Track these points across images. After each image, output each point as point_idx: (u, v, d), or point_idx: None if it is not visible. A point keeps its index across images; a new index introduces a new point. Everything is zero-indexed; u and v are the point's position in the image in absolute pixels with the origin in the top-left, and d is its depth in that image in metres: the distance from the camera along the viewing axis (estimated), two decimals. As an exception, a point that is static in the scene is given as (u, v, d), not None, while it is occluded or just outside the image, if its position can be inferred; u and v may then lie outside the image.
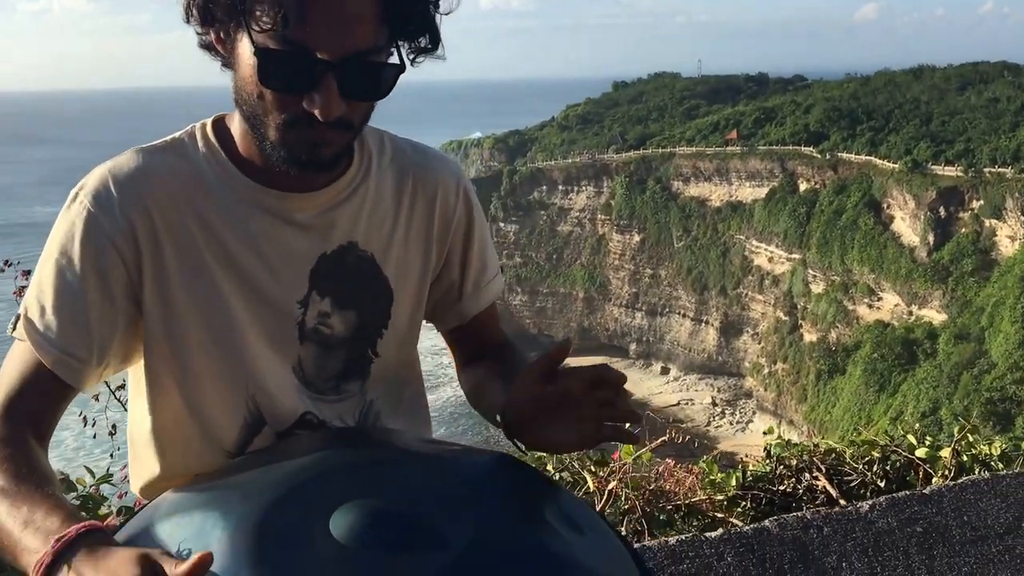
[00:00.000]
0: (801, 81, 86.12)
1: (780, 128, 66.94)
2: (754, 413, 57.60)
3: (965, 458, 3.20)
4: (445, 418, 45.42)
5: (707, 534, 2.44)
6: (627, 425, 1.40)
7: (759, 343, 61.64)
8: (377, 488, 1.15)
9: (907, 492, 2.66)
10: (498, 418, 1.41)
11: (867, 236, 55.52)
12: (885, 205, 56.71)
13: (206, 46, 1.32)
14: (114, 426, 3.23)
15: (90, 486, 2.61)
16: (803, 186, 62.40)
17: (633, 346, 68.86)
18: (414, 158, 1.56)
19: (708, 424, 57.24)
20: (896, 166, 56.24)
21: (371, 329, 1.52)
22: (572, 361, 1.36)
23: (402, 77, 1.31)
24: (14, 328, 1.36)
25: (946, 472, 3.26)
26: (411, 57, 1.32)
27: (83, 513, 1.49)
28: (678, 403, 61.10)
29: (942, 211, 52.79)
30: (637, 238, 70.47)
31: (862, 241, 55.63)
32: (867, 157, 59.34)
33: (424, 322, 1.66)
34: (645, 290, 69.67)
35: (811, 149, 62.94)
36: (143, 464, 1.52)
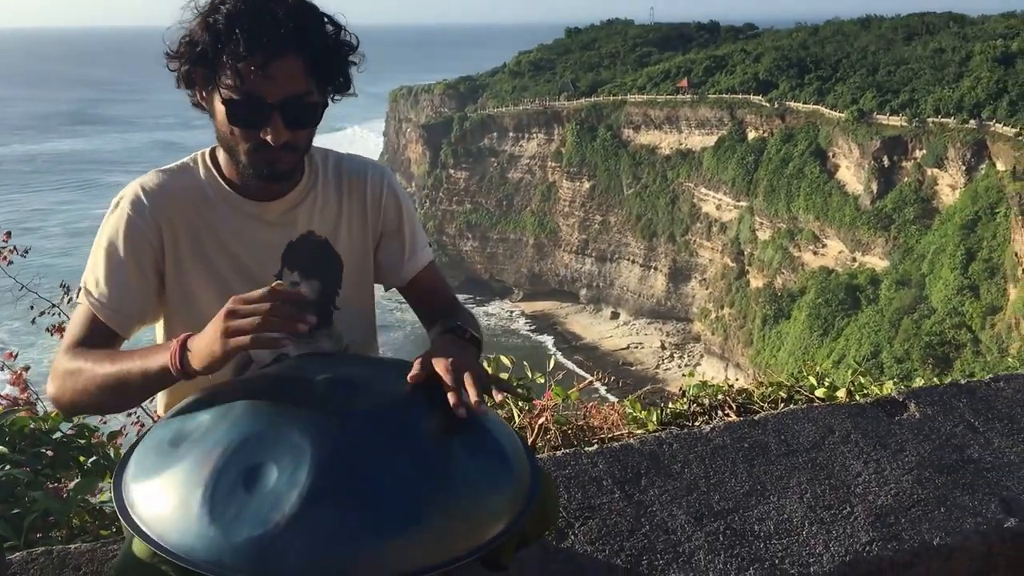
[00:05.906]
0: (752, 30, 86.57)
1: (730, 77, 67.35)
2: (702, 356, 58.76)
3: (858, 398, 3.46)
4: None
5: (586, 448, 2.87)
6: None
7: (707, 289, 62.61)
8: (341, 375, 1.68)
9: (742, 418, 3.13)
10: None
11: (813, 184, 56.41)
12: (831, 154, 57.58)
13: (196, 105, 1.90)
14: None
15: None
16: (751, 135, 63.06)
17: (583, 291, 69.56)
18: (349, 167, 2.15)
19: (658, 367, 58.33)
20: (842, 115, 57.08)
21: (331, 291, 2.11)
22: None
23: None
24: (77, 296, 1.95)
25: None
26: (331, 95, 1.91)
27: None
28: (628, 347, 62.15)
29: (886, 160, 53.75)
30: (587, 185, 70.78)
31: (808, 189, 56.52)
32: (814, 106, 60.13)
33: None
34: (595, 236, 70.19)
35: (760, 98, 63.54)
36: (165, 392, 2.10)
